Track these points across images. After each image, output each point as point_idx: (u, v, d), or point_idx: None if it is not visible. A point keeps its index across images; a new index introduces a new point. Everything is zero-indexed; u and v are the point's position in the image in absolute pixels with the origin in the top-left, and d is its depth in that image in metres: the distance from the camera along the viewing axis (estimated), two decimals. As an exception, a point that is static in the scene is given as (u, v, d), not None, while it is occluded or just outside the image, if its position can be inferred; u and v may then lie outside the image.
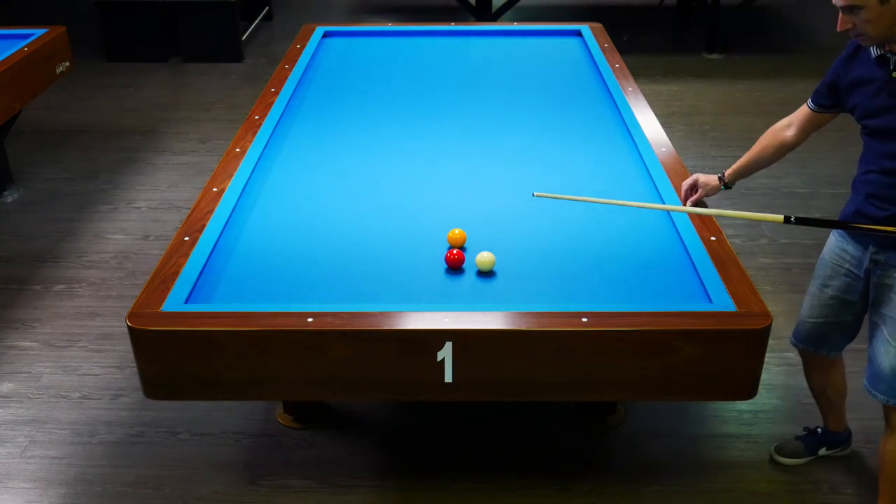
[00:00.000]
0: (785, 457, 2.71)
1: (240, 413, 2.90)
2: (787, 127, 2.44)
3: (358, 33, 4.33)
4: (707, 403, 2.92)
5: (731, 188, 2.55)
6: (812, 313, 2.48)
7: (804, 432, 2.75)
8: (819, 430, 2.72)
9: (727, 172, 2.54)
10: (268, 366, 2.07)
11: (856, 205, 2.25)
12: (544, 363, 2.05)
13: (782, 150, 2.47)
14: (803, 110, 2.40)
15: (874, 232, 2.20)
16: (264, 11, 7.21)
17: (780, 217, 2.17)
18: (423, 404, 2.93)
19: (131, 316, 2.06)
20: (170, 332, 2.04)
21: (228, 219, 2.53)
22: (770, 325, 2.05)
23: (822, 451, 2.72)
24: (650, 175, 2.78)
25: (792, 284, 3.55)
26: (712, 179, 2.53)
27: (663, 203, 2.56)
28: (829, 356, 2.53)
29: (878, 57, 2.13)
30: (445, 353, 2.03)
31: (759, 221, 2.27)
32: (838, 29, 2.16)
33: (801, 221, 2.19)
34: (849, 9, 2.08)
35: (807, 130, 2.42)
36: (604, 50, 3.90)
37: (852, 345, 2.70)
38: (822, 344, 2.50)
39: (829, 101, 2.33)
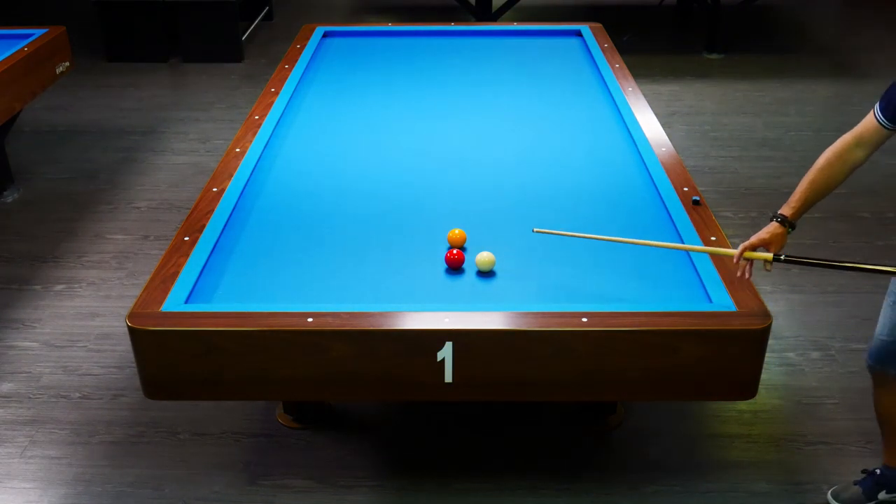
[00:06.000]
0: (840, 503, 2.54)
1: (240, 413, 2.90)
2: (855, 147, 2.13)
3: (358, 33, 4.33)
4: (707, 403, 2.92)
5: (795, 228, 2.16)
6: (883, 332, 2.30)
7: (862, 475, 2.57)
8: (878, 471, 2.53)
9: (789, 214, 2.14)
10: (268, 366, 2.07)
11: None
12: (544, 363, 2.05)
13: (849, 174, 2.15)
14: (872, 127, 2.11)
15: (868, 272, 2.09)
16: (264, 11, 7.21)
17: (769, 255, 2.05)
18: (423, 404, 2.93)
19: (131, 316, 2.06)
20: (170, 332, 2.04)
21: (228, 219, 2.53)
22: (770, 325, 2.05)
23: (882, 495, 2.50)
24: (650, 175, 2.78)
25: (792, 284, 3.55)
26: (772, 230, 2.12)
27: (682, 242, 2.35)
28: None
29: None
30: (445, 353, 2.03)
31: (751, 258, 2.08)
32: None
33: (790, 261, 2.05)
34: None
35: (876, 146, 2.14)
36: (604, 50, 3.91)
37: (854, 345, 2.71)
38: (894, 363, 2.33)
39: None
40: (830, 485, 2.61)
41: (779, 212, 2.14)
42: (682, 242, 2.37)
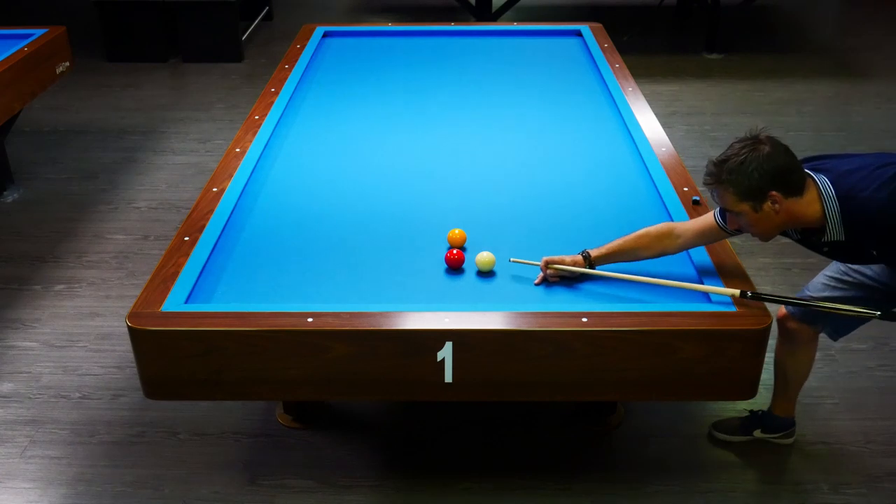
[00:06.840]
0: (719, 432, 2.75)
1: (240, 413, 2.90)
2: (676, 237, 2.26)
3: (358, 33, 4.33)
4: (707, 403, 2.92)
5: (594, 268, 2.28)
6: (814, 290, 2.43)
7: (747, 413, 2.76)
8: (760, 412, 2.73)
9: (594, 256, 2.27)
10: (268, 366, 2.07)
11: None
12: (544, 363, 2.06)
13: (657, 255, 2.29)
14: (708, 226, 2.24)
15: (837, 311, 2.22)
16: (264, 11, 7.21)
17: (737, 291, 2.12)
18: (423, 404, 2.93)
19: (131, 316, 2.06)
20: (170, 332, 2.04)
21: (228, 219, 2.53)
22: (770, 324, 2.05)
23: (758, 433, 2.72)
24: (650, 175, 2.78)
25: (792, 284, 3.54)
26: (577, 261, 2.27)
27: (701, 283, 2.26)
28: (822, 332, 2.50)
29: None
30: (445, 353, 2.03)
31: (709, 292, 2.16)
32: (729, 227, 2.18)
33: (756, 297, 2.12)
34: (730, 211, 2.10)
35: (699, 243, 2.29)
36: (604, 50, 3.91)
37: (854, 345, 2.71)
38: (819, 320, 2.47)
39: None
40: (830, 485, 2.61)
41: (589, 250, 2.29)
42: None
